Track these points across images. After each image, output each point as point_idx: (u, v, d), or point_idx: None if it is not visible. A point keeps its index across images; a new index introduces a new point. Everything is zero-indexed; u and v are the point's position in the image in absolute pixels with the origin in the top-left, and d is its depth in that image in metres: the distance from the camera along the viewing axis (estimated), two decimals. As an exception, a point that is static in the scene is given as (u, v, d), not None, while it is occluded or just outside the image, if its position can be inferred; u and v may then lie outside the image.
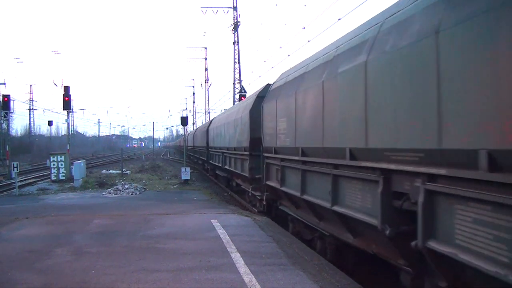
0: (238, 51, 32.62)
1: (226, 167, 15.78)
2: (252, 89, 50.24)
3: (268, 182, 9.11)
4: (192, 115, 65.12)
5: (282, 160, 7.82)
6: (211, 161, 21.56)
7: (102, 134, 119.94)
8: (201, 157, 28.58)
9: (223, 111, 23.94)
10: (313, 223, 6.76)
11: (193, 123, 61.21)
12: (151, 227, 8.67)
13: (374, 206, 4.29)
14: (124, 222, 9.31)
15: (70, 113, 33.97)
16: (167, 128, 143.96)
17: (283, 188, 7.79)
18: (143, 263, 5.97)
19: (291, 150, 7.05)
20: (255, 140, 10.37)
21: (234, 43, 32.56)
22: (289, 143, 7.15)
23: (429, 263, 3.56)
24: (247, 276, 5.31)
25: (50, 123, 50.07)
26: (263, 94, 10.22)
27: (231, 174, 15.46)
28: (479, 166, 2.77)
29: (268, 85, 10.45)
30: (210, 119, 26.47)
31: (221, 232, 8.00)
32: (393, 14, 4.19)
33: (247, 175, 11.43)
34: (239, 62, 32.80)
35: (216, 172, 20.73)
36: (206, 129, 23.27)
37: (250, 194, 12.10)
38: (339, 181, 5.25)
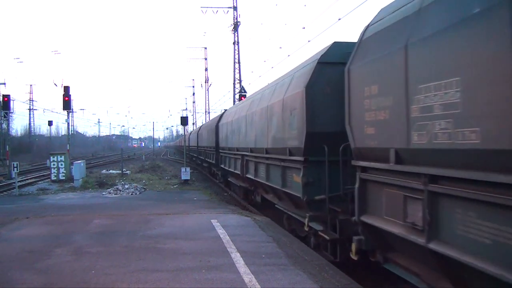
0: (238, 51, 32.66)
1: (249, 176, 11.22)
2: (252, 89, 50.08)
3: (367, 219, 4.73)
4: (192, 115, 65.22)
5: (442, 181, 3.48)
6: (222, 166, 17.14)
7: (102, 134, 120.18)
8: (207, 159, 23.52)
9: (223, 111, 22.82)
10: None
11: (193, 123, 61.27)
12: (151, 227, 8.67)
13: None
14: (124, 222, 9.30)
15: (70, 113, 33.99)
16: (167, 128, 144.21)
17: (442, 249, 3.43)
18: (143, 263, 5.97)
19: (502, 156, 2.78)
20: (317, 136, 6.41)
21: (234, 43, 32.57)
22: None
23: None
24: (247, 276, 5.31)
25: (50, 123, 50.09)
26: (335, 57, 6.40)
27: (256, 185, 11.25)
28: None
29: (338, 44, 6.59)
30: (221, 113, 21.17)
31: (221, 232, 7.99)
32: None
33: (298, 194, 6.97)
34: (239, 62, 32.83)
35: (229, 179, 16.57)
36: (215, 126, 18.96)
37: (307, 228, 7.03)
38: None
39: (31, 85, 72.66)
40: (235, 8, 32.55)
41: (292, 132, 7.25)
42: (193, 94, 67.44)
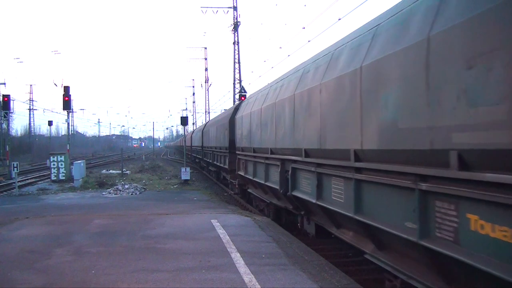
0: (238, 51, 32.66)
1: (300, 195, 7.11)
2: (252, 89, 49.95)
3: None
4: (192, 115, 65.28)
5: None
6: (240, 173, 12.70)
7: (102, 134, 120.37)
8: (215, 163, 19.67)
9: (223, 111, 22.29)
10: None
11: (193, 123, 61.32)
12: (151, 227, 8.67)
13: None
14: (124, 222, 9.30)
15: (70, 113, 33.99)
16: (167, 128, 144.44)
17: None
18: (143, 263, 5.97)
19: None
20: None
21: (234, 43, 32.59)
22: None
23: None
24: (247, 276, 5.31)
25: (50, 123, 49.88)
26: None
27: (310, 209, 7.34)
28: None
29: None
30: (235, 104, 17.36)
31: (221, 232, 7.99)
32: None
33: None
34: (239, 62, 32.85)
35: (249, 190, 12.70)
36: (229, 120, 14.92)
37: None
38: None
39: (31, 85, 72.90)
40: (235, 8, 32.57)
41: (483, 110, 2.77)
42: (193, 94, 67.56)
